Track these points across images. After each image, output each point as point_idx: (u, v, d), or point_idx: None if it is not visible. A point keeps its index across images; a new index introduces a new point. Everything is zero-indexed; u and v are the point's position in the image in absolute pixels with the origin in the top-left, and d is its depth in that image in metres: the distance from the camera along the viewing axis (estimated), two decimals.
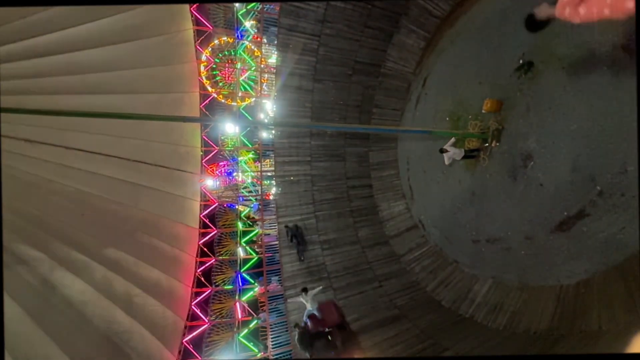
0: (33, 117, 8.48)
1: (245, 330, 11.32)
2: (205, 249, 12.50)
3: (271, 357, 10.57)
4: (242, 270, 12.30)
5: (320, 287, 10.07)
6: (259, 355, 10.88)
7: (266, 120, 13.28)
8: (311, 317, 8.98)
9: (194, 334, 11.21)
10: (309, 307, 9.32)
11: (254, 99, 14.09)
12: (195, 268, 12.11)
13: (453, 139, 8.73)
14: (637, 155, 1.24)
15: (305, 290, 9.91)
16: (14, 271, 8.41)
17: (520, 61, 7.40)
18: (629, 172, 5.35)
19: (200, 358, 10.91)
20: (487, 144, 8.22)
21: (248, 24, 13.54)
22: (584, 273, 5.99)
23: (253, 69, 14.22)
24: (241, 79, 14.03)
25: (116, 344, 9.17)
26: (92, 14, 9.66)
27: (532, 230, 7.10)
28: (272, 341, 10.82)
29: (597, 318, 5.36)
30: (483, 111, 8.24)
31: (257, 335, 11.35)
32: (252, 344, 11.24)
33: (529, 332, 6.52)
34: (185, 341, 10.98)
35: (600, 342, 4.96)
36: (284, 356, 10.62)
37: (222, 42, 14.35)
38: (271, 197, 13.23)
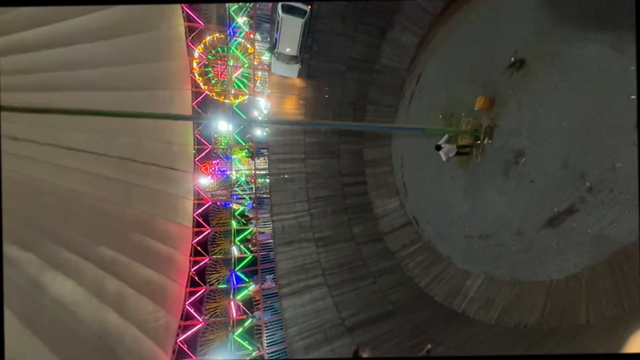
0: (21, 114, 8.27)
1: (240, 329, 11.30)
2: (199, 248, 12.40)
3: (266, 355, 10.58)
4: (236, 269, 12.24)
5: None
6: (254, 354, 10.87)
7: (260, 118, 13.20)
8: None
9: (188, 333, 11.14)
10: None
11: (247, 96, 13.96)
12: (189, 267, 12.01)
13: (447, 136, 8.78)
14: (637, 154, 1.22)
15: None
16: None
17: (512, 59, 7.46)
18: (617, 168, 5.45)
19: (194, 358, 10.86)
20: (479, 141, 8.28)
21: (241, 20, 13.38)
22: (573, 268, 6.09)
23: (246, 66, 14.08)
24: (234, 76, 13.89)
25: (108, 345, 9.06)
26: (81, 8, 9.42)
27: (523, 226, 7.19)
28: (267, 339, 10.83)
29: (585, 312, 5.47)
30: (475, 108, 8.30)
31: (252, 334, 11.34)
32: (247, 342, 11.23)
33: (519, 327, 6.62)
34: (180, 341, 10.91)
35: (588, 335, 5.06)
36: (279, 354, 10.64)
37: (215, 38, 14.17)
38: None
